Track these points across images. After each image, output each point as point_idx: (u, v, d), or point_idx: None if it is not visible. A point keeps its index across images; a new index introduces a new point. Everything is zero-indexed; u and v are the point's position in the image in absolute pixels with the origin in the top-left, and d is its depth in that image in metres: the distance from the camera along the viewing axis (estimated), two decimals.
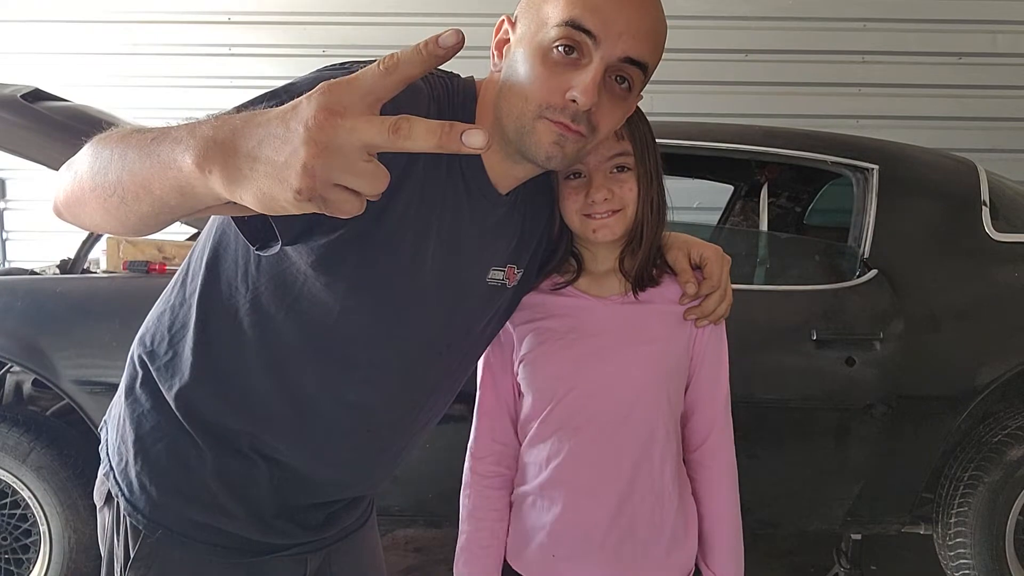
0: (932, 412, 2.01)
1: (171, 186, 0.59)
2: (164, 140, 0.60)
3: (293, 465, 0.94)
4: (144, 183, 0.61)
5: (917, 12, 4.03)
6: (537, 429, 1.07)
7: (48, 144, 2.08)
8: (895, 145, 2.28)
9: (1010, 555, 2.04)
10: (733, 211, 3.26)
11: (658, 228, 1.05)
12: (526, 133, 0.83)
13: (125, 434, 0.95)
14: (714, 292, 1.06)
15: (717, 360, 1.10)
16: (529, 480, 1.09)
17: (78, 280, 2.14)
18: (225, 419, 0.91)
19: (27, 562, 2.08)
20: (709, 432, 1.11)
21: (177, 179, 0.58)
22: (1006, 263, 2.07)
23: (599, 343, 1.05)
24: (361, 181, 0.52)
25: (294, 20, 4.05)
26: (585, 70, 0.80)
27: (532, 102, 0.82)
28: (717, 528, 1.11)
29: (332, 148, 0.50)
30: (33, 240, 4.28)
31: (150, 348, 0.95)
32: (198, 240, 0.95)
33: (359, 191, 0.52)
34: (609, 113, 0.85)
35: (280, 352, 0.89)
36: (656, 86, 1.12)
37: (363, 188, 0.52)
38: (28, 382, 2.27)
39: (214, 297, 0.90)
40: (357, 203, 0.53)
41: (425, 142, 0.50)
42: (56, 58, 4.15)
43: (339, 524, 1.04)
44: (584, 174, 1.01)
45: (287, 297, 0.86)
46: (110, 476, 0.96)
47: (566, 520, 1.06)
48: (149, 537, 0.92)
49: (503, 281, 1.00)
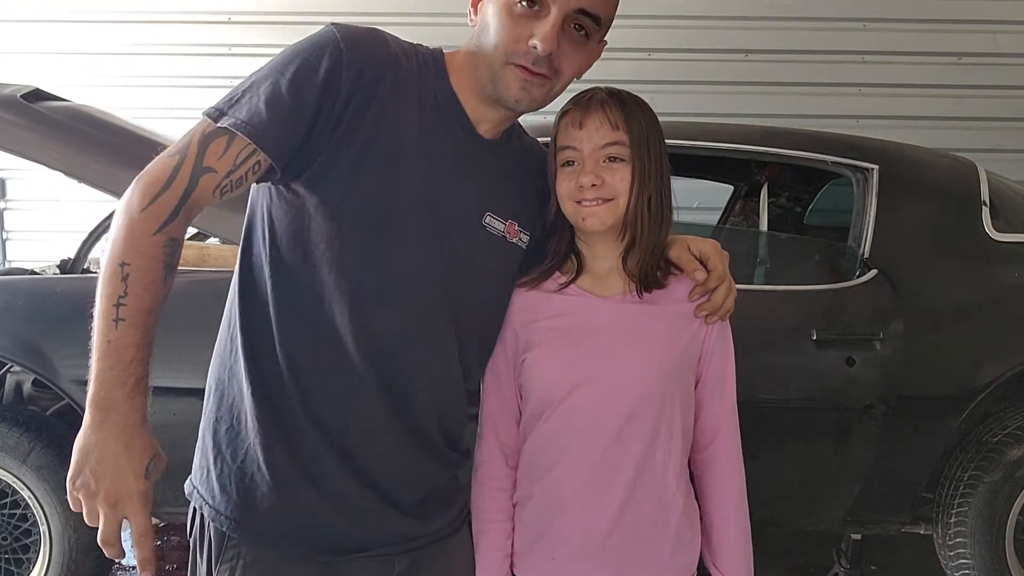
0: (932, 412, 2.01)
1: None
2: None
3: (341, 429, 0.96)
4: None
5: (917, 12, 4.02)
6: (539, 430, 1.07)
7: (48, 144, 2.08)
8: (895, 145, 2.28)
9: (1010, 555, 2.04)
10: (733, 211, 3.26)
11: (660, 229, 1.05)
12: (497, 79, 0.95)
13: (205, 447, 1.00)
14: (721, 284, 1.06)
15: (724, 359, 1.10)
16: (531, 482, 1.08)
17: (78, 280, 2.14)
18: (283, 396, 0.95)
19: (27, 562, 2.08)
20: (717, 432, 1.10)
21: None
22: (1006, 263, 2.07)
23: (602, 343, 1.05)
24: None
25: (294, 20, 4.04)
26: (544, 20, 0.92)
27: (500, 49, 0.94)
28: (727, 529, 1.10)
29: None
30: (33, 240, 4.28)
31: (219, 359, 1.01)
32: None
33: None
34: (570, 57, 0.95)
35: (308, 302, 0.94)
36: (656, 86, 1.12)
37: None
38: (28, 382, 2.27)
39: (248, 282, 0.98)
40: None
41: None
42: (56, 58, 4.15)
43: (429, 518, 1.04)
44: (577, 161, 1.02)
45: (299, 243, 0.94)
46: (194, 494, 1.01)
47: (568, 521, 1.05)
48: (233, 538, 0.96)
49: (503, 233, 1.04)
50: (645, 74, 3.73)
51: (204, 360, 1.06)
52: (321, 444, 0.95)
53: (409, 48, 1.00)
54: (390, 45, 0.97)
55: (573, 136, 1.03)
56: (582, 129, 1.02)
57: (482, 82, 0.96)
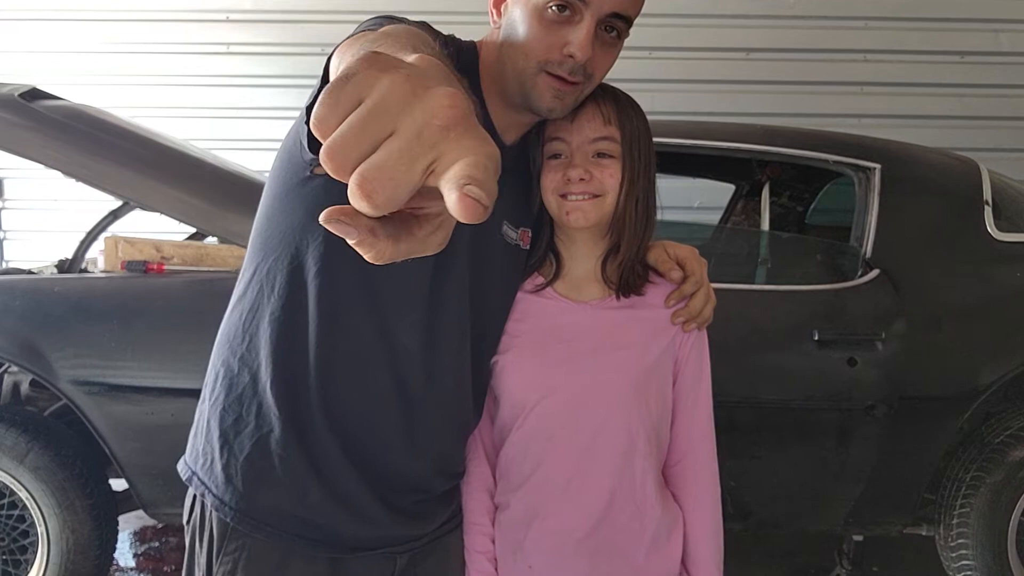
0: (934, 412, 2.00)
1: None
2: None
3: (358, 435, 0.95)
4: None
5: (919, 11, 4.01)
6: (512, 438, 1.04)
7: (46, 144, 2.07)
8: (897, 144, 2.27)
9: (1012, 556, 2.03)
10: (735, 210, 3.25)
11: (645, 232, 1.02)
12: (529, 88, 0.91)
13: (210, 434, 0.97)
14: (699, 290, 1.05)
15: (698, 369, 1.06)
16: (508, 489, 1.06)
17: (76, 280, 2.13)
18: (298, 393, 0.93)
19: (25, 563, 2.07)
20: (690, 445, 1.07)
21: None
22: (1008, 263, 2.06)
23: (573, 349, 1.02)
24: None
25: (292, 18, 4.03)
26: (578, 27, 0.87)
27: (532, 58, 0.89)
28: (702, 542, 1.07)
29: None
30: (31, 240, 4.27)
31: (227, 344, 0.98)
32: (252, 233, 0.98)
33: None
34: (601, 60, 0.92)
35: (332, 298, 0.91)
36: (657, 85, 1.11)
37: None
38: (26, 382, 2.27)
39: (271, 270, 0.94)
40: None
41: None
42: (53, 56, 4.14)
43: (429, 518, 1.03)
44: (565, 155, 0.99)
45: (344, 246, 0.88)
46: (193, 480, 0.99)
47: (543, 529, 1.03)
48: (237, 529, 0.94)
49: (517, 241, 1.02)
50: (646, 73, 3.71)
51: (202, 361, 1.05)
52: (336, 447, 0.94)
53: (451, 51, 0.93)
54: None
55: (562, 128, 0.99)
56: (572, 122, 0.98)
57: (511, 90, 0.93)
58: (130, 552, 2.72)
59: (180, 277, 2.05)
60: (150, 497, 2.01)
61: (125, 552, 2.70)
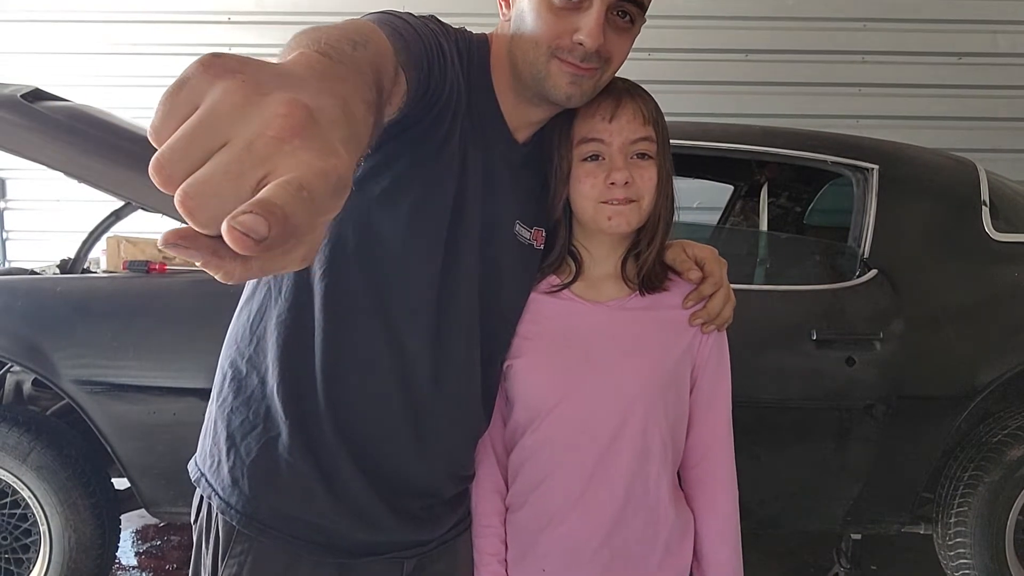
0: (932, 412, 2.01)
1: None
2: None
3: (365, 438, 0.94)
4: None
5: (917, 12, 4.02)
6: (525, 441, 1.02)
7: (48, 144, 2.08)
8: (895, 145, 2.28)
9: (1010, 555, 2.04)
10: (733, 211, 3.27)
11: (667, 232, 1.01)
12: (542, 77, 0.89)
13: (217, 435, 0.96)
14: (718, 291, 1.02)
15: (718, 371, 1.04)
16: (521, 492, 1.04)
17: (78, 280, 2.14)
18: (305, 396, 0.92)
19: (27, 562, 2.08)
20: (708, 448, 1.04)
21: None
22: (1006, 263, 2.07)
23: (590, 351, 0.99)
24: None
25: (293, 20, 4.04)
26: (587, 13, 0.86)
27: (542, 45, 0.88)
28: (719, 548, 1.05)
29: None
30: (33, 240, 4.28)
31: (234, 346, 0.97)
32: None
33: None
34: (617, 44, 0.90)
35: (345, 306, 0.91)
36: (657, 85, 1.11)
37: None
38: (28, 382, 2.27)
39: (287, 278, 0.92)
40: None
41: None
42: (56, 58, 4.15)
43: (437, 523, 1.02)
44: (604, 156, 0.95)
45: (350, 246, 0.89)
46: (201, 481, 0.98)
47: (557, 534, 1.01)
48: (243, 532, 0.93)
49: (530, 241, 1.01)
50: (645, 74, 3.68)
51: (204, 360, 1.05)
52: (343, 450, 0.93)
53: (463, 45, 0.92)
54: (451, 51, 0.88)
55: (601, 128, 0.94)
56: (612, 122, 0.94)
57: (525, 82, 0.91)
58: (132, 551, 2.72)
59: (182, 277, 2.06)
60: (152, 496, 2.02)
61: (127, 551, 2.70)
